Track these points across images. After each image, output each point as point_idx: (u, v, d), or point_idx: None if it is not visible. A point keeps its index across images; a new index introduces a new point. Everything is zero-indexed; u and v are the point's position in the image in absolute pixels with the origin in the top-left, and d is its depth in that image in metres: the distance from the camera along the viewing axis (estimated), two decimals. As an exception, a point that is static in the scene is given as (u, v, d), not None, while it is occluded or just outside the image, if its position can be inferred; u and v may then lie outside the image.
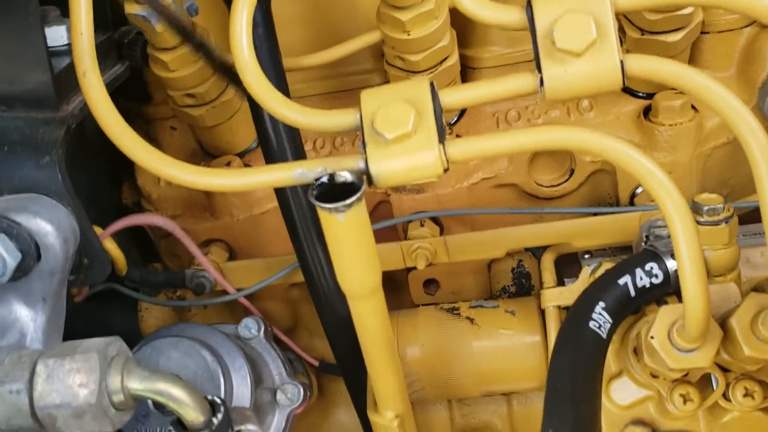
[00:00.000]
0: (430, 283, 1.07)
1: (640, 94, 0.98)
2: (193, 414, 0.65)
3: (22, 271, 0.71)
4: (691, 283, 0.64)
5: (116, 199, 1.11)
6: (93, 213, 0.81)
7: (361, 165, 0.67)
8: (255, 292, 1.04)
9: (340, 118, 0.70)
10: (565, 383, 0.69)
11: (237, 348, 0.89)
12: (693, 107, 0.95)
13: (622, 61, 0.63)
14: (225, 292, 1.00)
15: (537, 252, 1.03)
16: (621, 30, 0.94)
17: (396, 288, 1.08)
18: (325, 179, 0.67)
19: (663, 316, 0.72)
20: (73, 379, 0.63)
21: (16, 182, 0.74)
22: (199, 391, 0.66)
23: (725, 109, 0.62)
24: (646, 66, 0.65)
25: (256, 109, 0.82)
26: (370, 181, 0.67)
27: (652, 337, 0.72)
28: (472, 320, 0.96)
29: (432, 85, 0.67)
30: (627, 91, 0.99)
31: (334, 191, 0.66)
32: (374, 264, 0.69)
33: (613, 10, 0.64)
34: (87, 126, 1.08)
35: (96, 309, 1.06)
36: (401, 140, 0.65)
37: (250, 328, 0.96)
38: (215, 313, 1.10)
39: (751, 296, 0.71)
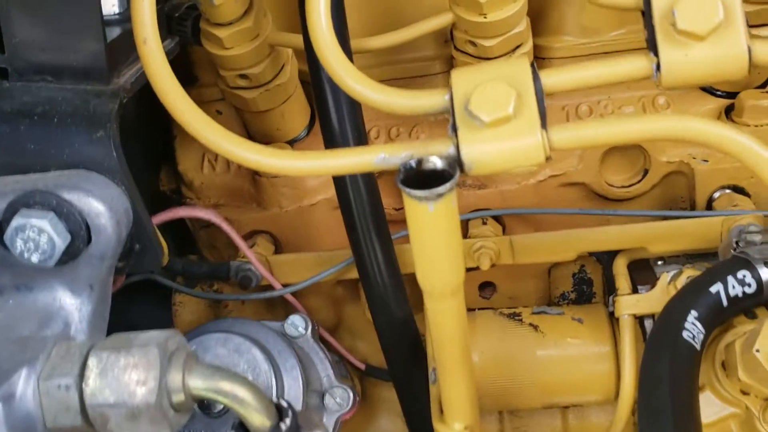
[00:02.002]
0: (485, 286, 1.01)
1: (720, 93, 0.92)
2: (259, 418, 0.58)
3: (70, 255, 0.64)
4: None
5: (154, 185, 1.05)
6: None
7: (452, 150, 0.61)
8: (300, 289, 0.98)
9: (426, 100, 0.64)
10: (664, 397, 0.63)
11: (288, 347, 0.83)
12: (777, 110, 0.89)
13: (749, 47, 0.57)
14: (270, 287, 0.94)
15: (601, 257, 0.97)
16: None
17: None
18: (413, 164, 0.61)
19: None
20: (130, 375, 0.56)
21: (66, 157, 0.67)
22: (265, 394, 0.59)
23: None
24: (775, 52, 0.59)
25: (319, 89, 0.76)
26: (462, 168, 0.61)
27: (757, 350, 0.66)
28: (535, 327, 0.90)
29: (533, 65, 0.61)
30: (705, 89, 0.93)
31: (420, 180, 0.60)
32: (460, 261, 0.63)
33: (741, -10, 0.58)
34: (126, 107, 1.02)
35: (125, 302, 1.00)
36: (499, 124, 0.59)
37: (297, 326, 0.89)
38: (252, 309, 1.04)
39: None
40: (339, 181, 0.82)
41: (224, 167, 0.98)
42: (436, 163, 0.61)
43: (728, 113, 0.90)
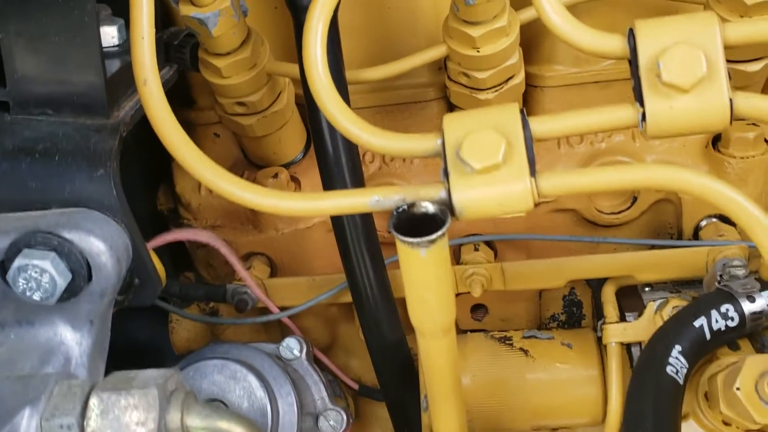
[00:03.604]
0: (477, 308, 1.03)
1: (708, 122, 0.94)
2: (255, 456, 0.60)
3: (71, 293, 0.66)
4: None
5: (151, 205, 1.07)
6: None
7: (443, 195, 0.63)
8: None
9: (418, 143, 0.66)
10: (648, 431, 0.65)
11: (284, 373, 0.85)
12: (766, 140, 0.91)
13: (731, 99, 0.59)
14: (265, 309, 0.96)
15: (590, 281, 0.99)
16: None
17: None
18: (405, 208, 0.62)
19: (750, 366, 0.68)
20: (131, 416, 0.58)
21: (67, 195, 0.69)
22: (262, 430, 0.61)
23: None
24: (756, 106, 0.60)
25: (317, 130, 0.78)
26: (452, 213, 0.63)
27: (738, 388, 0.68)
28: (526, 351, 0.92)
29: (522, 112, 0.63)
30: (694, 118, 0.94)
31: (413, 222, 0.62)
32: (451, 302, 0.65)
33: (723, 44, 0.60)
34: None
35: (124, 319, 1.02)
36: (490, 171, 0.61)
37: (293, 348, 0.91)
38: (249, 329, 1.05)
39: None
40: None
41: (221, 190, 0.99)
42: (428, 207, 0.63)
43: (715, 143, 0.92)
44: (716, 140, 0.92)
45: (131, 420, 0.58)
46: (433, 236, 0.59)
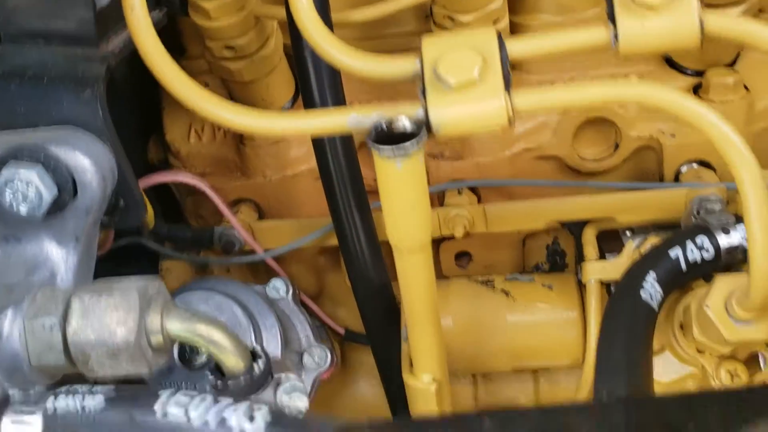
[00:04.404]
0: (461, 256, 1.04)
1: (689, 72, 0.96)
2: (233, 360, 0.62)
3: (57, 207, 0.68)
4: (762, 247, 0.61)
5: (142, 156, 1.08)
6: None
7: (420, 113, 0.64)
8: (282, 255, 1.01)
9: (398, 65, 0.67)
10: (619, 352, 0.67)
11: (269, 307, 0.86)
12: (745, 86, 0.92)
13: (701, 19, 0.61)
14: (253, 253, 0.97)
15: (574, 229, 1.00)
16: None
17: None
18: (383, 125, 0.64)
19: (720, 285, 0.70)
20: (111, 316, 0.60)
21: (54, 116, 0.71)
22: (240, 338, 0.63)
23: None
24: (726, 25, 0.62)
25: (299, 55, 0.79)
26: (430, 130, 0.65)
27: (707, 306, 0.69)
28: (507, 293, 0.93)
29: (499, 34, 0.65)
30: (675, 67, 0.96)
31: (392, 141, 0.64)
32: (427, 217, 0.67)
33: (694, -36, 0.62)
34: (115, 76, 1.05)
35: (113, 268, 1.03)
36: (465, 87, 0.63)
37: (279, 288, 0.93)
38: (238, 276, 1.07)
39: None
40: (319, 150, 0.85)
41: (210, 137, 1.01)
42: (406, 124, 0.65)
43: (696, 91, 0.93)
44: (698, 88, 0.94)
45: (111, 320, 0.60)
46: (408, 146, 0.61)
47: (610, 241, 0.95)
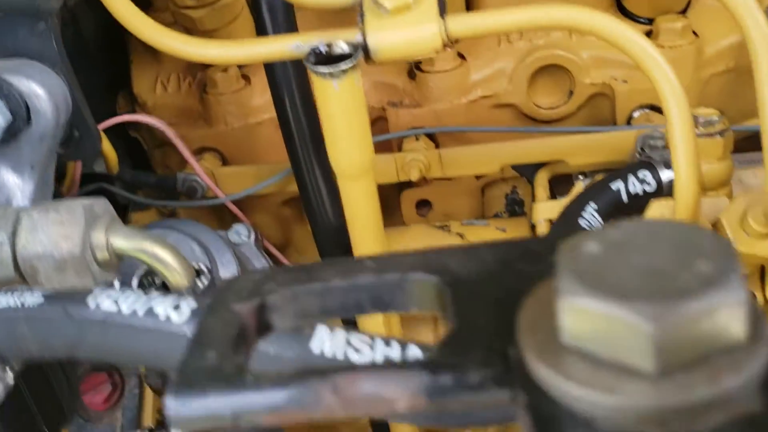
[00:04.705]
0: (422, 205, 1.07)
1: (641, 20, 0.98)
2: (176, 276, 0.64)
3: (11, 134, 0.70)
4: (685, 176, 0.63)
5: (111, 110, 1.11)
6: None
7: (359, 38, 0.67)
8: (247, 204, 1.04)
9: (340, -7, 0.70)
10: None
11: (227, 246, 0.88)
12: (694, 32, 0.95)
13: None
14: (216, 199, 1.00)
15: (532, 178, 1.03)
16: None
17: (387, 208, 1.07)
18: (322, 49, 0.66)
19: (653, 211, 0.72)
20: (57, 230, 0.62)
21: (10, 47, 0.73)
22: (185, 256, 0.65)
23: None
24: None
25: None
26: (368, 55, 0.67)
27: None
28: (461, 236, 0.95)
29: (435, -40, 0.67)
30: (628, 15, 0.98)
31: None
32: (367, 141, 0.69)
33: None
34: (83, 28, 1.08)
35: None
36: (401, 12, 0.65)
37: (241, 233, 0.95)
38: (204, 224, 1.09)
39: (739, 195, 0.71)
40: (277, 95, 0.87)
41: (176, 87, 1.03)
42: (343, 47, 0.67)
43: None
44: (649, 35, 0.96)
45: (57, 234, 0.62)
46: (343, 65, 0.63)
47: (563, 185, 0.97)
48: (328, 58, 0.66)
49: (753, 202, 0.68)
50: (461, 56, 0.98)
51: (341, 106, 0.66)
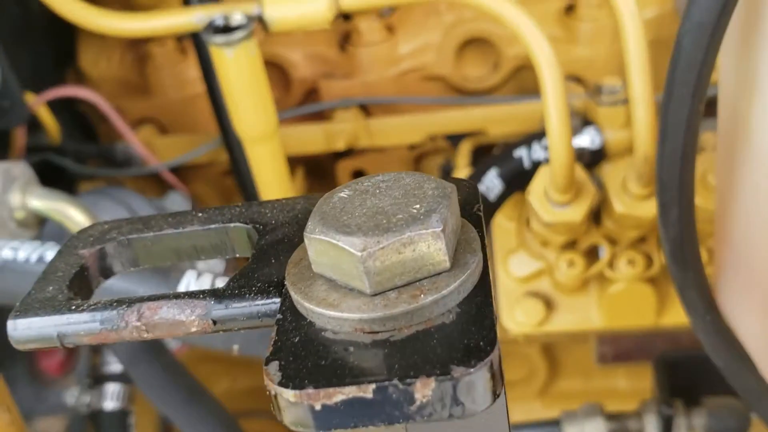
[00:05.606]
0: (358, 175, 1.10)
1: (564, -7, 1.00)
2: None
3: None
4: (556, 126, 0.67)
5: (60, 84, 1.14)
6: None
7: (256, 10, 0.70)
8: (188, 174, 1.08)
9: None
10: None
11: (156, 212, 0.93)
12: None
13: None
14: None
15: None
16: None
17: (323, 178, 1.11)
18: (219, 21, 0.70)
19: (540, 175, 0.75)
20: (-28, 192, 0.67)
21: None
22: (98, 217, 0.69)
23: None
24: None
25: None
26: (266, 28, 0.70)
27: (528, 193, 0.75)
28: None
29: (328, -65, 0.70)
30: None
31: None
32: (268, 106, 0.73)
33: None
34: (31, 3, 1.11)
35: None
36: (295, -15, 0.68)
37: (176, 201, 0.99)
38: (148, 195, 1.13)
39: (619, 160, 0.74)
40: (204, 67, 0.90)
41: (118, 61, 1.07)
42: (239, 18, 0.70)
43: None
44: (570, 10, 0.99)
45: (-28, 195, 0.67)
46: (235, 35, 0.67)
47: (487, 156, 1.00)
48: (226, 30, 0.70)
49: (629, 165, 0.72)
50: (390, 30, 1.01)
51: (237, 72, 0.69)
